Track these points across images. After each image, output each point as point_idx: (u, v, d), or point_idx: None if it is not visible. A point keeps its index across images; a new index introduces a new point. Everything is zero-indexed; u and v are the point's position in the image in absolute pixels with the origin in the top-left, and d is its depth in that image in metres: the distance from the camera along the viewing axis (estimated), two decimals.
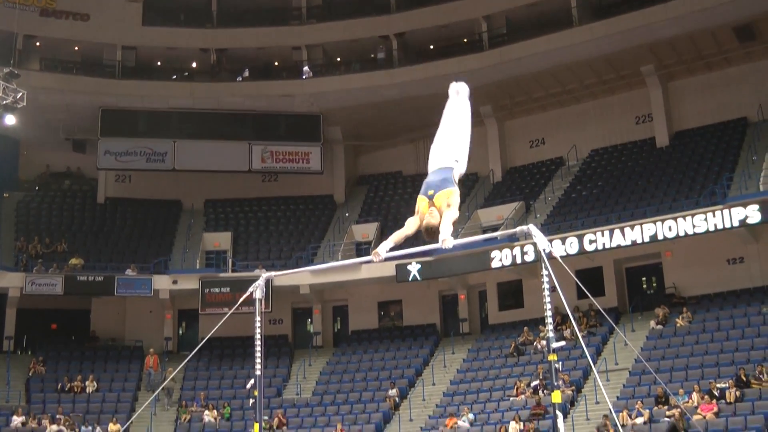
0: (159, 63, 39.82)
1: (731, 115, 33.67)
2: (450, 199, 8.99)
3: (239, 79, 38.69)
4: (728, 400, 23.76)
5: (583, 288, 12.75)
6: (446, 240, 8.83)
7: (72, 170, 40.90)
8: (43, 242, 35.82)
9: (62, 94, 36.14)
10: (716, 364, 25.84)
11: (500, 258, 30.40)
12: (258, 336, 11.22)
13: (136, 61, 38.83)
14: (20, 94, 30.85)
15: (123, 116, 37.76)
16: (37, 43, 37.88)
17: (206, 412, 30.77)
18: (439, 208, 8.96)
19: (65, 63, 38.71)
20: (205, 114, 38.32)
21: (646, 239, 28.47)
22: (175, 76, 39.76)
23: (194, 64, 40.22)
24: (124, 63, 38.24)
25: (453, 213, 8.86)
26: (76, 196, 40.20)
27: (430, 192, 9.10)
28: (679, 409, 23.46)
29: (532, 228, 9.49)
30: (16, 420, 29.42)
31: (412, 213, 32.17)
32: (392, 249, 9.20)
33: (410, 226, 8.98)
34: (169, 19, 39.11)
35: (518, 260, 30.08)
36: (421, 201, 9.16)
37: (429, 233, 8.89)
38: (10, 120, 31.68)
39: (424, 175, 35.12)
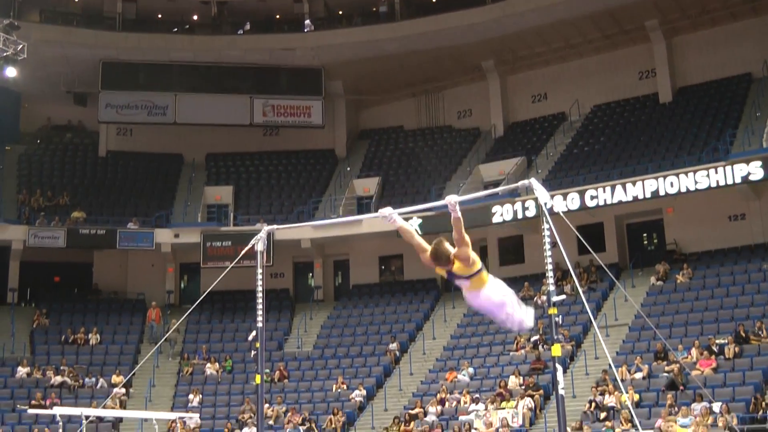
0: (159, 15, 39.45)
1: (735, 70, 33.45)
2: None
3: (240, 32, 38.42)
4: (727, 356, 23.88)
5: (584, 243, 12.77)
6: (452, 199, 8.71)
7: (73, 123, 40.82)
8: (45, 195, 35.83)
9: (62, 46, 35.92)
10: (716, 320, 25.93)
11: (501, 213, 30.39)
12: (259, 289, 11.20)
13: (136, 14, 38.52)
14: (20, 46, 30.58)
15: (124, 69, 37.57)
16: None
17: (208, 364, 30.99)
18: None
19: (65, 15, 38.37)
20: (206, 67, 38.14)
21: (648, 195, 28.41)
22: (175, 29, 39.36)
23: (195, 17, 39.85)
24: (124, 15, 37.94)
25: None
26: (77, 149, 40.12)
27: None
28: (677, 365, 23.61)
29: (534, 182, 9.39)
30: (21, 371, 29.70)
31: (413, 168, 32.26)
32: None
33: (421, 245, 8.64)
34: None
35: (519, 215, 30.07)
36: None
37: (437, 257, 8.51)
38: (11, 72, 31.44)
39: (426, 129, 35.19)
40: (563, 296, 10.09)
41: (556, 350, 9.14)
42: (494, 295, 8.85)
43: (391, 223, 8.96)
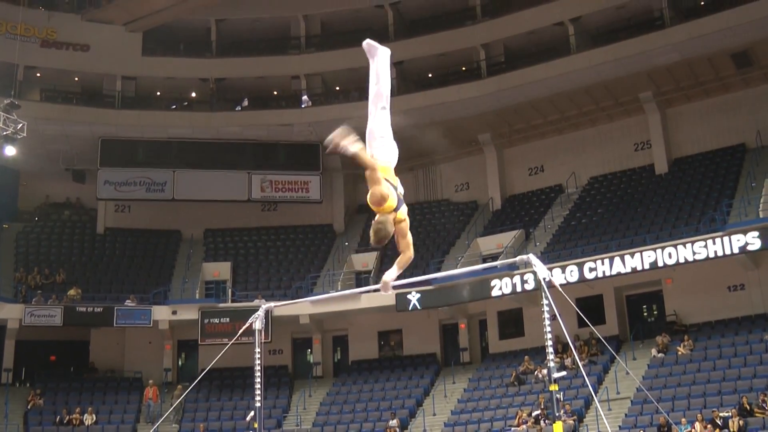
0: (158, 93, 39.85)
1: (729, 141, 33.67)
2: (407, 234, 8.50)
3: (238, 108, 38.69)
4: (731, 430, 23.50)
5: (583, 316, 12.66)
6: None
7: (71, 200, 40.87)
8: (43, 273, 35.67)
9: (62, 124, 36.15)
10: (719, 392, 25.62)
11: (500, 286, 30.24)
12: (258, 367, 11.10)
13: (135, 91, 38.87)
14: (20, 125, 30.80)
15: (122, 146, 37.78)
16: (38, 74, 37.92)
17: None
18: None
19: (65, 93, 38.76)
20: (205, 143, 38.32)
21: (647, 266, 28.32)
22: (174, 106, 39.77)
23: (193, 94, 40.25)
24: (123, 93, 38.26)
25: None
26: (75, 226, 40.11)
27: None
28: None
29: (532, 257, 9.40)
30: None
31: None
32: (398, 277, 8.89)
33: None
34: (169, 49, 39.18)
35: (518, 289, 29.93)
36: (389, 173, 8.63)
37: (378, 234, 8.27)
38: (11, 151, 31.59)
39: (423, 203, 35.33)
40: (564, 373, 9.99)
41: (558, 428, 9.05)
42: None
43: (393, 284, 8.70)
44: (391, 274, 8.65)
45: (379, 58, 8.79)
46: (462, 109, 35.71)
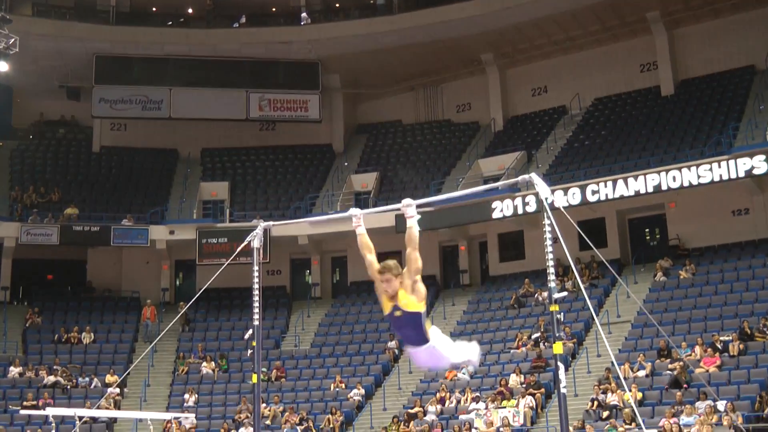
0: (154, 9, 39.30)
1: (738, 63, 33.22)
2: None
3: (236, 25, 38.17)
4: (731, 353, 23.66)
5: (585, 239, 12.56)
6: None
7: (66, 118, 40.53)
8: (38, 191, 35.58)
9: (55, 40, 35.65)
10: (720, 316, 25.73)
11: (501, 208, 30.14)
12: (256, 287, 11.03)
13: (130, 7, 38.40)
14: (12, 40, 30.35)
15: (118, 63, 37.32)
16: None
17: (204, 363, 30.78)
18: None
19: (58, 8, 38.09)
20: (202, 61, 37.81)
21: (650, 190, 28.17)
22: (170, 22, 39.17)
23: (190, 10, 39.68)
24: (118, 8, 37.77)
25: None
26: (70, 144, 39.89)
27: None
28: (681, 362, 23.42)
29: (534, 177, 9.22)
30: (14, 370, 29.46)
31: (411, 163, 32.02)
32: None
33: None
34: None
35: (520, 211, 29.82)
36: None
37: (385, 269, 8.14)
38: (3, 67, 31.18)
39: (424, 123, 34.95)
40: (565, 293, 9.88)
41: (558, 348, 8.99)
42: (438, 351, 8.38)
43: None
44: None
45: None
46: (464, 27, 35.15)
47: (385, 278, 8.02)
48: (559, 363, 8.94)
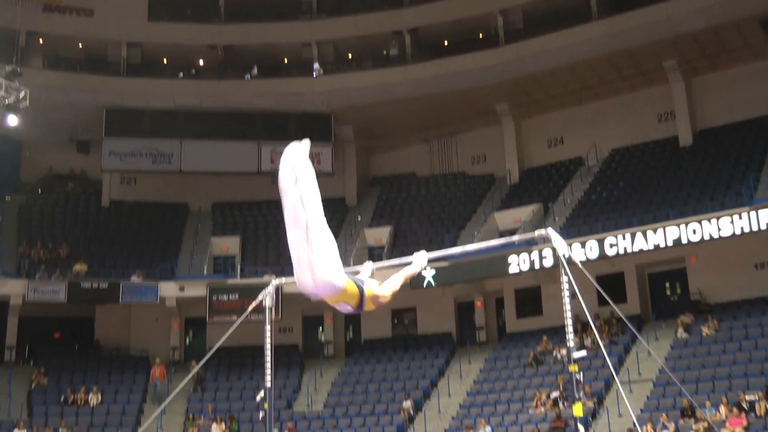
0: (165, 60, 39.56)
1: (758, 111, 33.08)
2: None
3: (247, 76, 38.39)
4: (758, 413, 23.36)
5: (604, 294, 12.47)
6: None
7: (76, 172, 40.73)
8: (46, 247, 35.62)
9: (66, 92, 35.96)
10: (744, 374, 25.41)
11: (518, 263, 30.03)
12: (268, 345, 10.96)
13: (141, 59, 38.63)
14: (23, 93, 30.56)
15: (128, 115, 37.57)
16: (40, 40, 37.67)
17: (214, 425, 30.48)
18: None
19: (69, 60, 38.44)
20: (213, 113, 38.03)
21: (670, 243, 28.01)
22: (181, 74, 39.45)
23: (201, 62, 39.96)
24: (129, 60, 38.05)
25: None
26: (80, 198, 40.01)
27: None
28: (706, 423, 23.09)
29: (551, 231, 9.19)
30: None
31: (426, 216, 31.91)
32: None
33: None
34: (176, 14, 38.83)
35: (536, 265, 29.70)
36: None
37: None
38: (13, 120, 31.33)
39: (439, 176, 34.95)
40: (584, 353, 9.80)
41: (578, 410, 8.90)
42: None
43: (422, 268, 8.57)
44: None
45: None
46: (479, 77, 35.33)
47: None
48: (579, 425, 8.83)
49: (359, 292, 7.56)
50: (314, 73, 37.93)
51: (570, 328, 9.04)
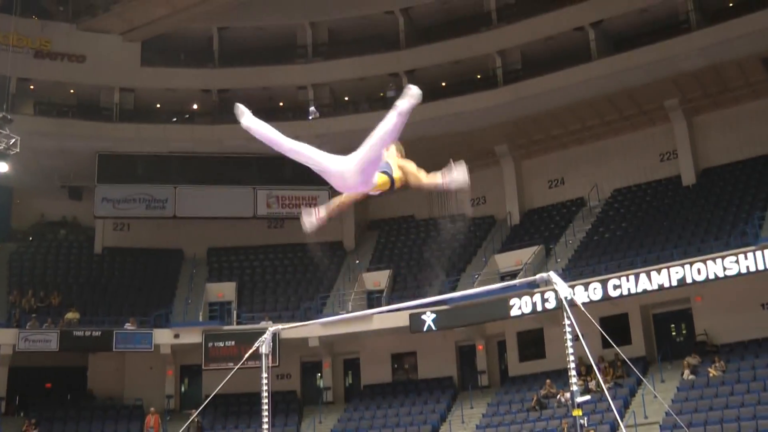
0: (158, 105, 39.89)
1: (761, 150, 33.37)
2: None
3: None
4: None
5: (607, 337, 12.53)
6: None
7: (68, 219, 40.88)
8: (38, 295, 35.63)
9: (57, 139, 36.18)
10: (753, 416, 25.31)
11: (520, 306, 30.07)
12: (265, 392, 11.00)
13: (134, 104, 38.93)
14: (13, 140, 30.81)
15: (121, 161, 37.79)
16: (31, 86, 38.03)
17: None
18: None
19: (60, 107, 38.81)
20: (207, 158, 38.30)
21: (674, 283, 28.08)
22: (175, 119, 39.77)
23: (195, 106, 40.29)
24: (121, 106, 38.34)
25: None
26: (72, 246, 40.09)
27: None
28: None
29: (553, 275, 9.28)
30: None
31: (425, 260, 31.93)
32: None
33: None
34: (169, 60, 39.16)
35: (539, 308, 29.75)
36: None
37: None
38: (3, 167, 31.62)
39: (438, 219, 34.82)
40: (587, 397, 9.85)
41: None
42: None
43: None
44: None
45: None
46: (477, 119, 35.62)
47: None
48: None
49: (389, 179, 8.13)
50: (310, 117, 38.15)
51: (573, 372, 9.11)
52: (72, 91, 38.72)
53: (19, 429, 32.46)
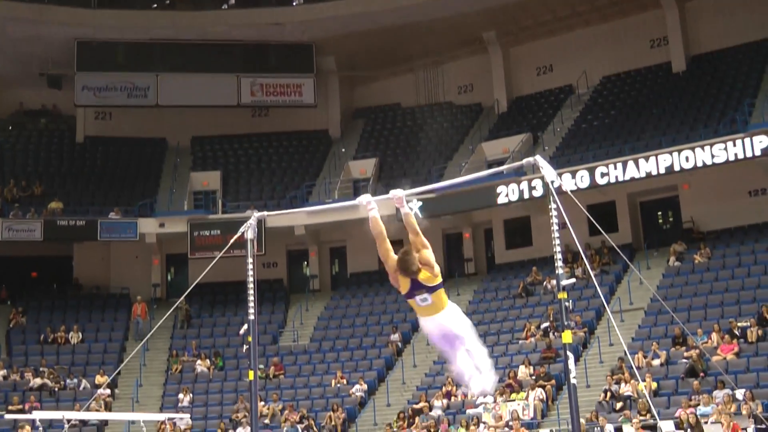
0: None
1: (753, 36, 33.17)
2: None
3: (225, 6, 38.21)
4: (749, 340, 23.83)
5: (595, 223, 12.67)
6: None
7: (48, 108, 40.56)
8: (20, 185, 35.63)
9: (35, 25, 35.64)
10: (737, 301, 25.85)
11: (507, 193, 30.27)
12: (251, 280, 11.12)
13: None
14: None
15: (101, 49, 37.35)
16: None
17: (198, 361, 30.94)
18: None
19: None
20: (190, 45, 37.88)
21: (662, 171, 28.31)
22: (155, 5, 39.19)
23: None
24: None
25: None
26: (53, 135, 39.93)
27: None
28: (697, 350, 23.53)
29: (540, 159, 9.34)
30: None
31: (412, 148, 32.01)
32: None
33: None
34: None
35: (526, 195, 29.95)
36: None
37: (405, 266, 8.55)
38: None
39: (425, 106, 34.70)
40: (573, 280, 10.01)
41: (567, 337, 9.09)
42: (453, 323, 8.71)
43: (370, 208, 8.91)
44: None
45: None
46: (465, 4, 35.20)
47: (404, 275, 8.46)
48: (569, 353, 9.04)
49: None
50: (294, 2, 37.75)
51: (559, 257, 9.22)
52: None
53: (6, 317, 32.92)
